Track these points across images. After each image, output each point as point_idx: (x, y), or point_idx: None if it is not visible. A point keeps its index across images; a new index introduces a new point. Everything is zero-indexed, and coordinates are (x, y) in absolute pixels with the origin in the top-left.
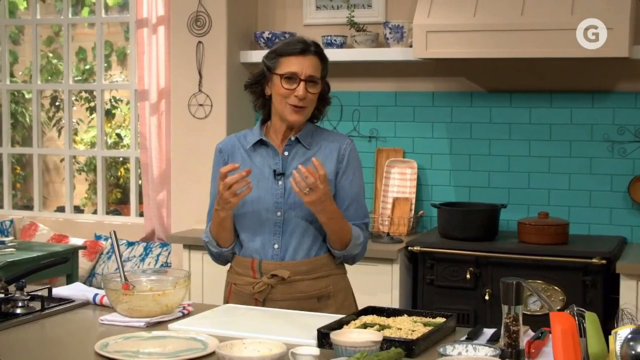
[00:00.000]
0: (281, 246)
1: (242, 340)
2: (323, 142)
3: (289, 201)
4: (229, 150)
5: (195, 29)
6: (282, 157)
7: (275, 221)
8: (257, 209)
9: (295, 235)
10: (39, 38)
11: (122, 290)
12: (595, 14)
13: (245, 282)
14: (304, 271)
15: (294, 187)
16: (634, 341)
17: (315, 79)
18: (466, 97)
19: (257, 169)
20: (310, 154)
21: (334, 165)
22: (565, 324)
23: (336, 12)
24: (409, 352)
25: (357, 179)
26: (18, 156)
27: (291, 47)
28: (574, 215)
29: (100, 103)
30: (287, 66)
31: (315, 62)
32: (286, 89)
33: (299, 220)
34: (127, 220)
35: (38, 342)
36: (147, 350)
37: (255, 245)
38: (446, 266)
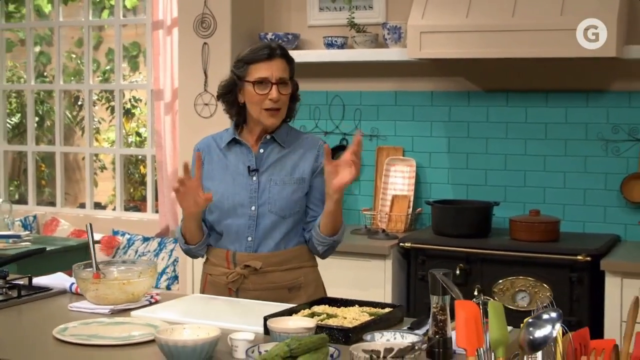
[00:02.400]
0: (254, 239)
1: (183, 325)
2: (298, 142)
3: (262, 197)
4: (205, 149)
5: (201, 31)
6: (258, 154)
7: (249, 215)
8: (233, 204)
9: (268, 229)
10: (63, 39)
11: (91, 279)
12: (584, 14)
13: (220, 273)
14: (275, 262)
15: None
16: (533, 326)
17: (285, 80)
18: (464, 96)
19: (232, 166)
20: (285, 152)
21: (310, 165)
22: (468, 311)
23: (339, 14)
24: (346, 339)
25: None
26: (44, 154)
27: (258, 53)
28: (568, 213)
29: (119, 103)
30: (257, 72)
31: (283, 65)
32: (259, 95)
33: (272, 214)
34: (144, 217)
35: (8, 326)
36: (101, 335)
37: (230, 237)
38: (437, 262)
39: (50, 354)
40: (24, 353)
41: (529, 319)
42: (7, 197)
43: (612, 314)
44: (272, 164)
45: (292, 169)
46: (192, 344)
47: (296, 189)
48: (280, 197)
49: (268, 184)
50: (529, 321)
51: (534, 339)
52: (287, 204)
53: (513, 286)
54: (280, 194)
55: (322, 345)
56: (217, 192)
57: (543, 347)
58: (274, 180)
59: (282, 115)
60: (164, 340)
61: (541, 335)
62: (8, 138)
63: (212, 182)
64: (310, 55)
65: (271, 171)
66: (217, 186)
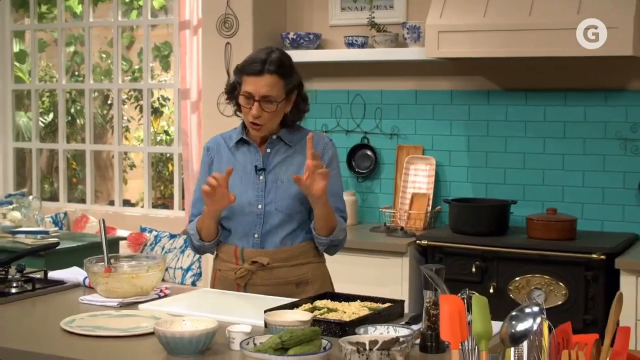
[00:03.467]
0: (261, 236)
1: (183, 318)
2: (304, 141)
3: (269, 195)
4: (215, 148)
5: (223, 31)
6: (265, 154)
7: (257, 213)
8: (241, 202)
9: (275, 226)
10: (96, 39)
11: (102, 273)
12: (601, 13)
13: (229, 268)
14: (282, 258)
15: (303, 182)
16: (515, 319)
17: (270, 99)
18: (483, 95)
19: (241, 165)
20: (292, 152)
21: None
22: (452, 305)
23: (360, 13)
24: (342, 333)
25: (336, 176)
26: (77, 152)
27: (250, 66)
28: (586, 211)
29: (147, 102)
30: (245, 85)
31: (272, 81)
32: (244, 107)
33: (279, 213)
34: (171, 214)
35: (20, 317)
36: (106, 326)
37: (238, 234)
38: (454, 260)
39: (56, 343)
40: (30, 343)
41: (512, 313)
42: (39, 194)
43: (627, 312)
44: (279, 163)
45: (298, 168)
46: (188, 336)
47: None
48: (286, 196)
49: (274, 183)
50: (511, 314)
51: (515, 332)
52: (293, 202)
53: (529, 284)
54: (286, 193)
55: (315, 337)
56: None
57: (523, 340)
58: (280, 179)
59: (268, 128)
60: (162, 331)
61: (522, 329)
62: (41, 136)
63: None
64: (331, 54)
65: (277, 170)
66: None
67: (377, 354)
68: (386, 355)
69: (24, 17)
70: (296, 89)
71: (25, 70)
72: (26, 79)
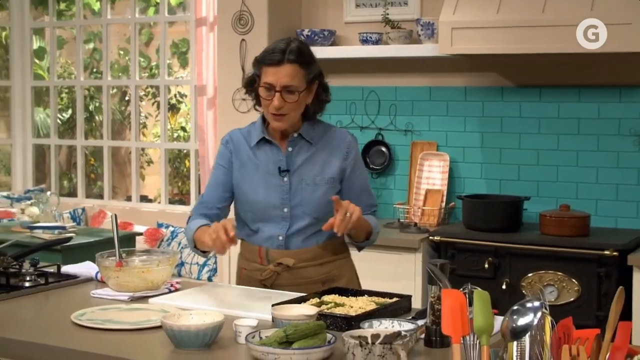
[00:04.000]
0: (286, 237)
1: (190, 312)
2: (326, 138)
3: (295, 198)
4: (235, 145)
5: (238, 27)
6: (287, 153)
7: (282, 216)
8: (265, 205)
9: (301, 228)
10: (115, 36)
11: (113, 267)
12: (614, 9)
13: (254, 268)
14: (308, 258)
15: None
16: (517, 314)
17: (292, 89)
18: (497, 92)
19: (263, 165)
20: (314, 150)
21: (340, 162)
22: (454, 300)
23: (374, 10)
24: (348, 327)
25: (363, 170)
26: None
27: (269, 56)
28: (600, 208)
29: (164, 98)
30: (265, 76)
31: (293, 71)
32: (265, 99)
33: (305, 215)
34: (187, 210)
35: (32, 310)
36: (115, 320)
37: (263, 236)
38: (466, 256)
39: (66, 336)
40: (41, 335)
41: (513, 307)
42: (57, 190)
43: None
44: (302, 163)
45: (322, 167)
46: (194, 329)
47: (328, 189)
48: (313, 198)
49: (300, 185)
50: (512, 309)
51: (516, 326)
52: (320, 205)
53: (541, 280)
54: (313, 196)
55: (319, 331)
56: (248, 192)
57: (523, 335)
58: (305, 180)
59: (290, 120)
60: (169, 325)
61: (523, 323)
62: (59, 132)
63: (243, 182)
64: (346, 51)
65: (301, 171)
66: (249, 186)
67: (380, 347)
68: (388, 349)
69: (43, 15)
70: (317, 78)
71: (44, 67)
72: (45, 75)
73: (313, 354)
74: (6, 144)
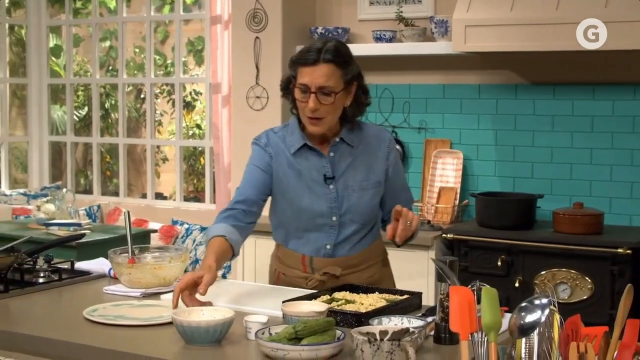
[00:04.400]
0: (333, 246)
1: (201, 308)
2: (366, 139)
3: (343, 206)
4: (274, 149)
5: (253, 25)
6: (329, 158)
7: (331, 225)
8: (312, 214)
9: (348, 236)
10: (132, 34)
11: (125, 264)
12: (628, 6)
13: (296, 275)
14: (352, 265)
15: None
16: (524, 310)
17: (327, 90)
18: (511, 89)
19: (306, 172)
20: (356, 153)
21: (382, 164)
22: (462, 297)
23: (388, 8)
24: (358, 324)
25: (401, 167)
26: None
27: (304, 56)
28: (615, 206)
29: (179, 96)
30: (300, 77)
31: (329, 71)
32: (300, 101)
33: (352, 222)
34: (202, 207)
35: (46, 306)
36: (127, 316)
37: (309, 244)
38: (479, 254)
39: (78, 332)
40: (53, 330)
41: (521, 304)
42: (73, 187)
43: None
44: (346, 168)
45: (366, 172)
46: (205, 325)
47: (374, 193)
48: (361, 204)
49: (346, 192)
50: (520, 306)
51: (524, 323)
52: (368, 210)
53: (554, 278)
54: (360, 202)
55: (329, 328)
56: (293, 200)
57: (531, 332)
58: (351, 187)
59: (327, 124)
60: (179, 321)
61: (531, 320)
62: (76, 130)
63: (288, 190)
64: (359, 49)
65: (346, 177)
66: (293, 194)
67: (388, 344)
68: (397, 345)
69: (59, 13)
70: (355, 79)
71: (61, 65)
72: (62, 73)
73: (322, 350)
74: (23, 141)
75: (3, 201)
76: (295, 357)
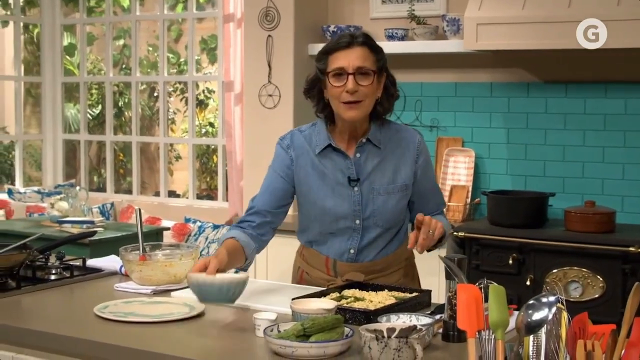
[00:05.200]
0: (357, 251)
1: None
2: (394, 140)
3: (367, 209)
4: (297, 151)
5: (265, 24)
6: (354, 159)
7: (354, 228)
8: (335, 217)
9: (372, 240)
10: (145, 32)
11: (136, 261)
12: None
13: (319, 277)
14: (376, 270)
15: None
16: (531, 309)
17: (365, 70)
18: (523, 88)
19: (330, 174)
20: (383, 154)
21: (410, 167)
22: (469, 294)
23: (400, 6)
24: (367, 321)
25: (431, 169)
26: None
27: (337, 42)
28: (627, 204)
29: (192, 94)
30: (335, 62)
31: (364, 53)
32: (336, 87)
33: (377, 227)
34: (215, 205)
35: (57, 303)
36: (138, 312)
37: (333, 248)
38: (491, 252)
39: (88, 328)
40: (64, 327)
41: (528, 302)
42: (87, 184)
43: None
44: (372, 171)
45: (393, 174)
46: (219, 282)
47: (401, 197)
48: (386, 208)
49: (371, 195)
50: (527, 304)
51: (531, 321)
52: (393, 215)
53: (566, 277)
54: (386, 206)
55: (337, 325)
56: (316, 202)
57: (538, 330)
58: (377, 190)
59: (364, 108)
60: (195, 278)
61: (538, 318)
62: (89, 128)
63: (310, 192)
64: None
65: (372, 179)
66: (316, 195)
67: (396, 341)
68: (404, 342)
69: (73, 11)
70: (385, 69)
71: (74, 64)
72: (76, 71)
73: (330, 347)
74: (37, 139)
75: (17, 199)
76: (303, 354)
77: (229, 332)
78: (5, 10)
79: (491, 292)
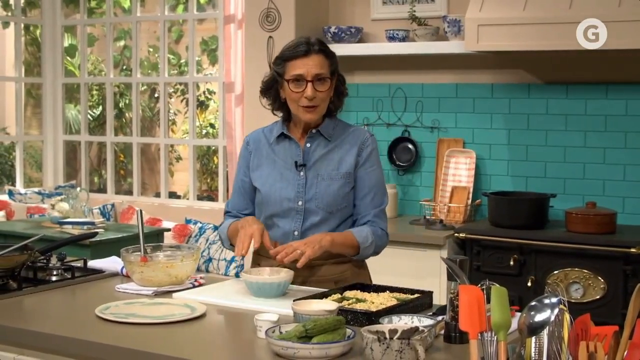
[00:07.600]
0: (301, 233)
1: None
2: (344, 136)
3: (309, 192)
4: (254, 144)
5: (266, 25)
6: (305, 148)
7: (297, 210)
8: (281, 198)
9: (316, 224)
10: (146, 33)
11: (138, 262)
12: None
13: (269, 265)
14: (323, 257)
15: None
16: (534, 310)
17: (322, 77)
18: (524, 89)
19: (281, 160)
20: (331, 146)
21: (353, 159)
22: (471, 295)
23: (401, 7)
24: (369, 322)
25: (375, 171)
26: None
27: (294, 50)
28: (628, 205)
29: (192, 95)
30: (293, 69)
31: (320, 61)
32: (295, 92)
33: (320, 210)
34: (215, 206)
35: (59, 304)
36: (139, 314)
37: (279, 231)
38: (492, 253)
39: (89, 330)
40: (65, 328)
41: (531, 303)
42: (87, 185)
43: None
44: (319, 158)
45: (338, 163)
46: (277, 282)
47: (343, 184)
48: (327, 193)
49: (315, 180)
50: (530, 305)
51: (533, 322)
52: (334, 199)
53: (567, 278)
54: (327, 190)
55: (339, 326)
56: (264, 186)
57: (540, 331)
58: (321, 175)
59: (321, 111)
60: (254, 280)
61: (540, 319)
62: (90, 129)
63: (260, 177)
64: (372, 48)
65: (318, 166)
66: (265, 180)
67: (398, 343)
68: (406, 344)
69: (74, 12)
70: (336, 71)
71: (75, 64)
72: (76, 72)
73: (332, 348)
74: (38, 140)
75: (18, 200)
76: (305, 355)
77: (230, 334)
78: (6, 11)
79: (493, 294)
